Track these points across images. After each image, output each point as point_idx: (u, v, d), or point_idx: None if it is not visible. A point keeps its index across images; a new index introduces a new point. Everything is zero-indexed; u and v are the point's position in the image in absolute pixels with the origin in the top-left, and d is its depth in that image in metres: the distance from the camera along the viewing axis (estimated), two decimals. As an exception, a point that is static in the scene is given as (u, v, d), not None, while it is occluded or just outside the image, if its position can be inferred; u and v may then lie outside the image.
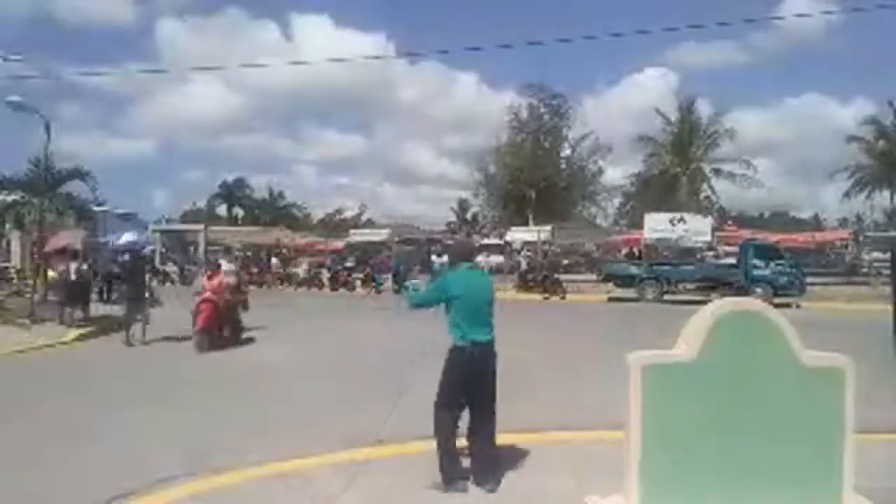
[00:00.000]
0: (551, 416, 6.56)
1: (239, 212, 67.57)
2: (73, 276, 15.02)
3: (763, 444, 3.52)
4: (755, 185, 40.93)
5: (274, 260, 32.05)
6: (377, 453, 5.36)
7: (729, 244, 29.43)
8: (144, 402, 7.29)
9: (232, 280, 12.44)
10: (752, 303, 3.85)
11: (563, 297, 22.96)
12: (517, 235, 34.42)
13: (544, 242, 32.30)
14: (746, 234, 30.61)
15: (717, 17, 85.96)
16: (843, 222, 55.01)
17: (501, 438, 5.80)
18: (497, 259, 36.08)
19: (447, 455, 4.47)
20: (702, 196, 41.65)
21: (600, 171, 40.74)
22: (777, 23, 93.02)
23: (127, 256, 16.87)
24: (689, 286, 21.67)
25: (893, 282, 12.94)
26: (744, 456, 3.50)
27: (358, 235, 39.86)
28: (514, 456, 5.22)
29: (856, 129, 41.38)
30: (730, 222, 43.57)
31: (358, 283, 26.80)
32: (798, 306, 19.29)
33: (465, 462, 4.64)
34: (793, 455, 3.52)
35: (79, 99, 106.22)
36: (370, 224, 57.76)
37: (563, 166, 40.82)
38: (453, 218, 61.49)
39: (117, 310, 18.33)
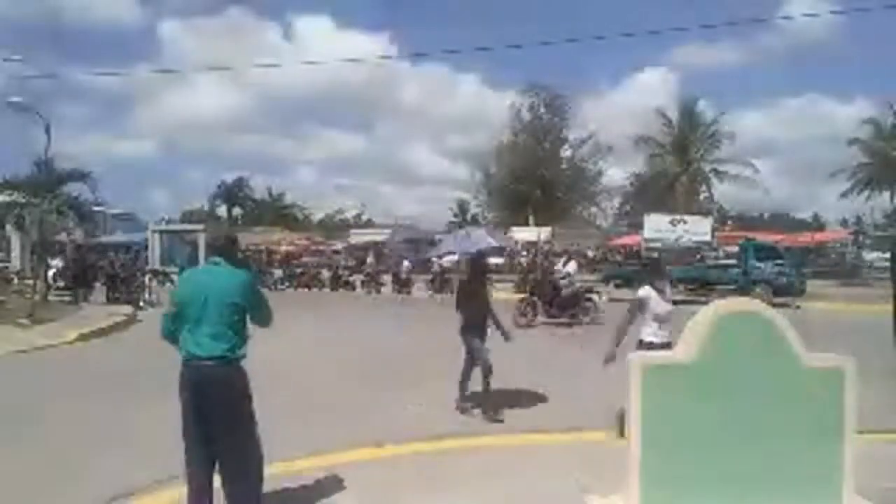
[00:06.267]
0: (551, 417, 6.56)
1: (239, 212, 67.58)
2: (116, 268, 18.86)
3: (763, 444, 3.51)
4: (755, 185, 40.88)
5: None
6: (376, 455, 5.37)
7: (729, 244, 29.44)
8: (145, 402, 7.28)
9: None
10: (753, 303, 3.84)
11: (564, 298, 22.90)
12: (518, 236, 34.38)
13: (545, 242, 32.29)
14: (747, 234, 30.62)
15: (715, 18, 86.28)
16: (844, 223, 55.09)
17: (502, 439, 5.84)
18: (497, 259, 35.98)
19: (190, 497, 3.66)
20: (702, 197, 41.62)
21: (600, 172, 40.68)
22: (778, 23, 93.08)
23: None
24: (689, 286, 21.63)
25: (893, 281, 12.97)
26: (744, 457, 3.50)
27: (358, 235, 39.91)
28: (514, 456, 5.22)
29: (856, 129, 41.30)
30: (729, 223, 43.62)
31: (358, 283, 26.88)
32: (797, 307, 19.26)
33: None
34: (793, 456, 3.51)
35: (80, 100, 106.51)
36: (370, 224, 57.76)
37: (564, 167, 40.74)
38: (453, 218, 61.44)
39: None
